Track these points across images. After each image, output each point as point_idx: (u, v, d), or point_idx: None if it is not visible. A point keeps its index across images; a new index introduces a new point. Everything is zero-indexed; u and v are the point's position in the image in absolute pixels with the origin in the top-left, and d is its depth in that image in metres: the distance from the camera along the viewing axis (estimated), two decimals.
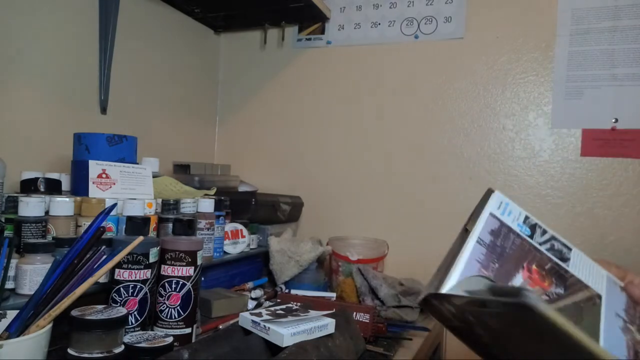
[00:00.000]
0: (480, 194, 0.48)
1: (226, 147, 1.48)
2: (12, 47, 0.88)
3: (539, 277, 0.43)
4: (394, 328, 0.85)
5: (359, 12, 1.30)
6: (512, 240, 0.45)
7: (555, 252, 0.47)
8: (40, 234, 0.65)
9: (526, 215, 0.48)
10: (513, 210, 0.48)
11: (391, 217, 1.24)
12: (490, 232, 0.44)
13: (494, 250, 0.43)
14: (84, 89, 1.03)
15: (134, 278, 0.63)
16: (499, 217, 0.46)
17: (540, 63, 1.12)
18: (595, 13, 1.07)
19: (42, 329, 0.48)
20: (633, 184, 1.04)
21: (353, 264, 1.03)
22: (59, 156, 0.95)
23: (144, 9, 1.18)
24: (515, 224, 0.47)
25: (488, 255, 0.42)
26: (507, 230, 0.46)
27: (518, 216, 0.48)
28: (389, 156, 1.26)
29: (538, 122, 1.12)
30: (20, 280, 0.60)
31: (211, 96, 1.47)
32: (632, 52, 1.04)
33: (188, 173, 1.12)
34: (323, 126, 1.34)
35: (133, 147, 0.88)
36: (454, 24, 1.20)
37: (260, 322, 0.61)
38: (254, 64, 1.44)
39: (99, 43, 1.05)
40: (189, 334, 0.67)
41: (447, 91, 1.20)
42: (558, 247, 0.48)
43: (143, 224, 0.67)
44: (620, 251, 0.99)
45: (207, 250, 0.90)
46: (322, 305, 0.80)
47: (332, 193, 1.31)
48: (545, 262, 0.45)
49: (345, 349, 0.65)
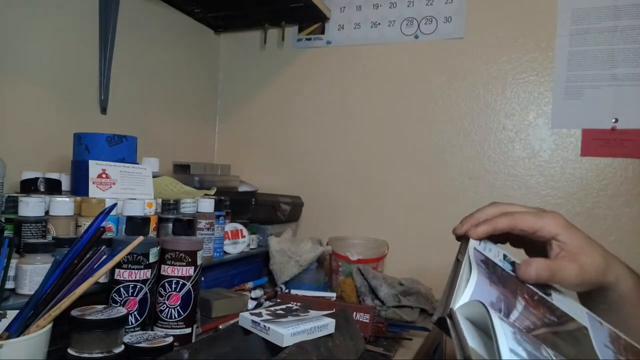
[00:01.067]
0: (480, 193, 0.49)
1: (226, 147, 1.48)
2: (12, 47, 0.88)
3: (534, 304, 0.44)
4: (394, 328, 0.85)
5: (359, 12, 1.30)
6: (501, 272, 0.46)
7: (537, 287, 0.48)
8: (40, 234, 0.65)
9: (504, 254, 0.50)
10: (492, 249, 0.49)
11: (391, 217, 1.24)
12: (481, 261, 0.45)
13: (491, 275, 0.43)
14: (84, 89, 1.03)
15: (134, 278, 0.63)
16: (482, 252, 0.47)
17: (540, 63, 1.12)
18: (595, 13, 1.07)
19: (42, 329, 0.48)
20: (633, 184, 1.04)
21: (353, 264, 1.03)
22: (59, 156, 0.95)
23: (144, 9, 1.18)
24: (497, 260, 0.48)
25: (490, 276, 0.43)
26: (492, 264, 0.47)
27: (497, 254, 0.49)
28: (389, 156, 1.26)
29: (538, 122, 1.12)
30: (20, 280, 0.60)
31: (211, 96, 1.47)
32: (632, 52, 1.04)
33: (188, 173, 1.12)
34: (323, 126, 1.34)
35: (133, 147, 0.88)
36: (454, 24, 1.20)
37: (260, 322, 0.61)
38: (254, 64, 1.44)
39: (99, 43, 1.05)
40: (189, 334, 0.67)
41: (447, 91, 1.20)
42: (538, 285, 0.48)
43: (143, 224, 0.67)
44: (620, 251, 0.99)
45: (207, 250, 0.90)
46: (322, 305, 0.80)
47: (332, 193, 1.31)
48: (533, 294, 0.46)
49: (345, 349, 0.65)
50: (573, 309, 0.47)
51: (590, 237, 0.51)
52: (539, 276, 0.46)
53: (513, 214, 0.51)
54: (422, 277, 1.06)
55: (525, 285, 0.46)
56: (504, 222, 0.50)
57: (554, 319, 0.44)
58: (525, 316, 0.41)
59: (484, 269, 0.43)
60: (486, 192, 1.14)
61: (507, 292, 0.42)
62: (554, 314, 0.44)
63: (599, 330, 0.46)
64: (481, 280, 0.40)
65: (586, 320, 0.46)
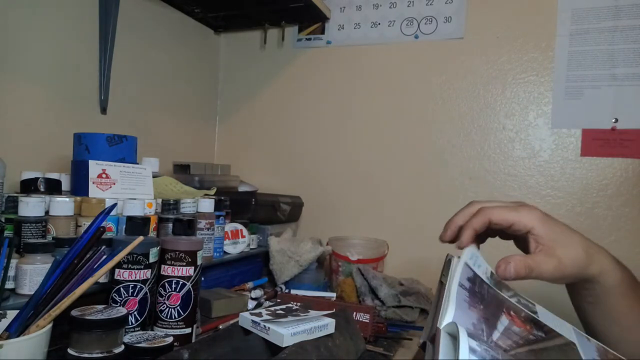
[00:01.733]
0: (480, 193, 0.49)
1: (226, 147, 1.48)
2: (12, 47, 0.88)
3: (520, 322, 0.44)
4: (394, 328, 0.85)
5: (359, 12, 1.30)
6: (487, 290, 0.46)
7: (523, 305, 0.47)
8: (40, 234, 0.65)
9: (492, 272, 0.49)
10: (482, 265, 0.49)
11: (391, 217, 1.24)
12: (467, 279, 0.45)
13: (475, 295, 0.44)
14: (84, 89, 1.03)
15: (134, 278, 0.63)
16: (471, 268, 0.47)
17: (540, 63, 1.12)
18: (595, 13, 1.07)
19: (42, 329, 0.48)
20: (633, 184, 1.04)
21: (353, 264, 1.03)
22: (59, 156, 0.95)
23: (144, 9, 1.18)
24: (484, 277, 0.48)
25: (472, 297, 0.43)
26: (480, 281, 0.46)
27: (485, 271, 0.49)
28: (389, 156, 1.26)
29: (538, 122, 1.12)
30: (20, 280, 0.60)
31: (211, 96, 1.47)
32: (632, 52, 1.04)
33: (188, 173, 1.12)
34: (323, 126, 1.34)
35: (133, 147, 0.88)
36: (454, 24, 1.20)
37: (260, 322, 0.61)
38: (254, 64, 1.44)
39: (99, 43, 1.05)
40: (189, 334, 0.67)
41: (447, 91, 1.20)
42: (524, 302, 0.48)
43: (143, 224, 0.67)
44: (620, 251, 0.99)
45: (207, 250, 0.90)
46: (322, 305, 0.80)
47: (332, 193, 1.31)
48: (519, 311, 0.46)
49: (345, 349, 0.65)
50: (559, 326, 0.47)
51: (571, 229, 0.50)
52: (517, 273, 0.46)
53: (486, 209, 0.50)
54: (422, 277, 1.06)
55: (510, 304, 0.46)
56: (479, 220, 0.50)
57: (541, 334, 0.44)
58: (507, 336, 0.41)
59: (469, 288, 0.44)
60: (486, 192, 1.14)
61: (489, 313, 0.42)
62: (541, 329, 0.45)
63: (587, 346, 0.46)
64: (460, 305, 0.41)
65: (573, 337, 0.46)
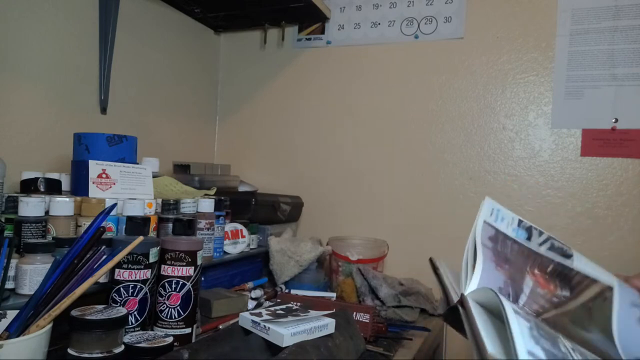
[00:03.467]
0: (480, 193, 0.48)
1: (226, 147, 1.48)
2: (12, 47, 0.88)
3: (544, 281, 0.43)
4: (394, 328, 0.85)
5: (359, 12, 1.30)
6: (510, 247, 0.45)
7: (556, 250, 0.46)
8: (40, 234, 0.65)
9: (519, 219, 0.48)
10: (505, 217, 0.47)
11: (391, 217, 1.24)
12: (489, 239, 0.44)
13: (499, 255, 0.43)
14: (84, 89, 1.03)
15: (134, 278, 0.63)
16: (492, 225, 0.46)
17: (540, 63, 1.12)
18: (595, 13, 1.07)
19: (42, 329, 0.48)
20: (633, 184, 1.04)
21: (353, 264, 1.03)
22: (59, 156, 0.95)
23: (144, 9, 1.18)
24: (510, 230, 0.46)
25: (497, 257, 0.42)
26: (503, 237, 0.45)
27: (511, 221, 0.47)
28: (389, 156, 1.26)
29: (538, 122, 1.12)
30: (20, 280, 0.60)
31: (211, 96, 1.47)
32: (632, 52, 1.04)
33: (188, 173, 1.12)
34: (323, 126, 1.34)
35: (133, 147, 0.88)
36: (454, 24, 1.20)
37: (260, 322, 0.61)
38: (254, 64, 1.44)
39: (99, 43, 1.05)
40: (189, 334, 0.67)
41: (447, 91, 1.20)
42: (558, 245, 0.47)
43: (143, 224, 0.67)
44: (620, 251, 0.99)
45: (207, 250, 0.90)
46: (322, 305, 0.80)
47: (332, 193, 1.31)
48: (546, 265, 0.45)
49: (345, 349, 0.65)
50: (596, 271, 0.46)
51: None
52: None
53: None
54: (422, 277, 1.06)
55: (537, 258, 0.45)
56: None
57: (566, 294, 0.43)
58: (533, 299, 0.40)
59: (492, 248, 0.42)
60: (486, 192, 1.14)
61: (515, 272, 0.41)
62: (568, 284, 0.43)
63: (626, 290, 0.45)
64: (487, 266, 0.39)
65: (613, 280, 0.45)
